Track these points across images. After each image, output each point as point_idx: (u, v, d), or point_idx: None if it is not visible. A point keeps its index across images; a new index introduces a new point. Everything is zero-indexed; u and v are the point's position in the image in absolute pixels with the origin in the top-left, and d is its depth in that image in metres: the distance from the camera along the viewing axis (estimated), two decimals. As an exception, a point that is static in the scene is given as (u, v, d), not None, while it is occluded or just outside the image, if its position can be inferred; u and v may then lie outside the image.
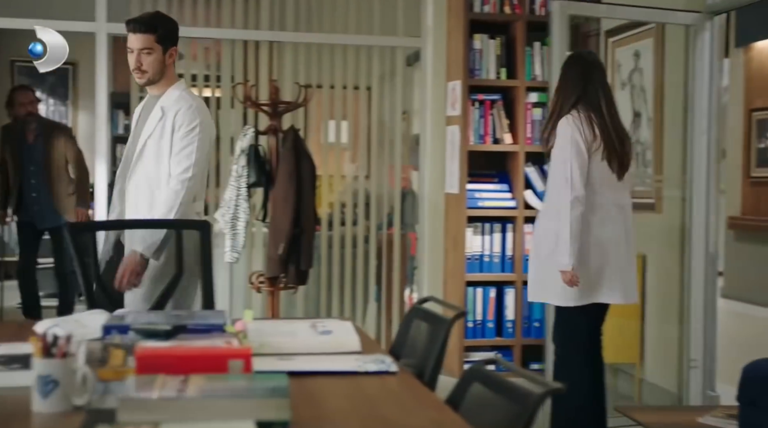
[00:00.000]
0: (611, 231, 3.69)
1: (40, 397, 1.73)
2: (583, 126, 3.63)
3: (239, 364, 1.78)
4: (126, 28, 3.39)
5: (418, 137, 6.05)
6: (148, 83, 3.44)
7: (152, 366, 1.74)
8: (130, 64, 3.39)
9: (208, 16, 5.36)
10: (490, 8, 5.10)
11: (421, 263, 5.56)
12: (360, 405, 1.88)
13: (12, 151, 5.96)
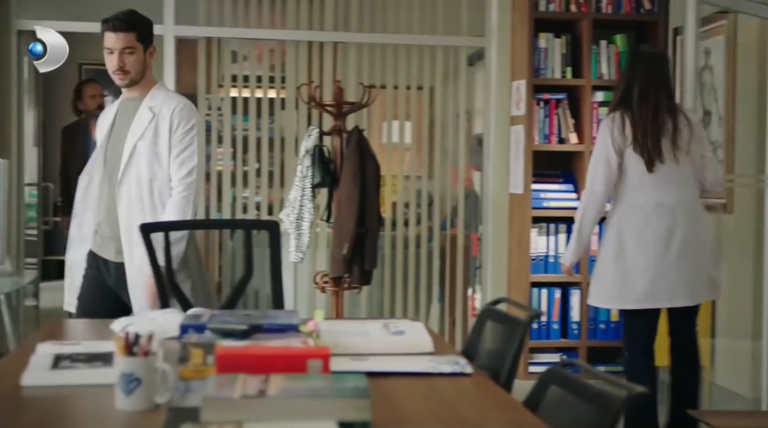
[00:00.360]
0: (652, 232, 3.65)
1: (123, 395, 1.75)
2: (614, 128, 3.68)
3: (318, 364, 1.78)
4: (103, 27, 3.26)
5: (480, 137, 6.01)
6: (130, 85, 3.32)
7: (232, 365, 1.75)
8: (111, 65, 3.26)
9: (273, 17, 5.40)
10: (555, 7, 5.05)
11: (484, 264, 5.53)
12: (437, 406, 1.87)
13: (76, 152, 5.81)
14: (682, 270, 3.65)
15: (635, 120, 3.64)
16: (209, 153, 5.48)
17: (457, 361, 2.17)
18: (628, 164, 3.67)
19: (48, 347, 2.17)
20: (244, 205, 5.59)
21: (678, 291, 3.66)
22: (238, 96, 5.47)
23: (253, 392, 1.59)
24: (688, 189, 3.73)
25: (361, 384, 1.65)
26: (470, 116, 5.94)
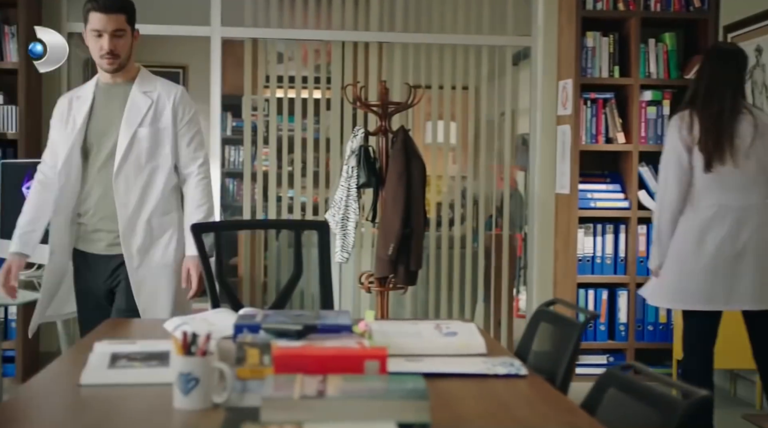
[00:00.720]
0: (714, 235, 3.57)
1: (182, 394, 1.76)
2: (682, 126, 3.60)
3: (375, 365, 1.77)
4: (89, 7, 3.05)
5: (524, 136, 5.98)
6: (118, 69, 3.13)
7: (289, 365, 1.75)
8: (101, 48, 3.06)
9: (318, 18, 5.42)
10: (603, 5, 5.01)
11: (530, 265, 5.50)
12: (494, 408, 1.85)
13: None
14: (746, 273, 3.56)
15: (700, 119, 3.57)
16: (254, 153, 5.51)
17: (512, 363, 2.15)
18: (695, 165, 3.59)
19: (105, 346, 2.19)
20: (290, 205, 5.61)
21: (738, 295, 3.58)
22: (284, 97, 5.50)
23: (312, 392, 1.59)
24: (754, 192, 3.61)
25: (419, 385, 1.64)
26: (514, 115, 5.91)
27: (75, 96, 3.23)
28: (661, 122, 5.03)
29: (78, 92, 3.26)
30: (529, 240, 5.55)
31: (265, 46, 5.45)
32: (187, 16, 5.39)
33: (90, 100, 3.17)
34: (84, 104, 3.17)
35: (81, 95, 3.21)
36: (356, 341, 2.05)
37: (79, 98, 3.21)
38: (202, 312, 2.74)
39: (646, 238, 5.03)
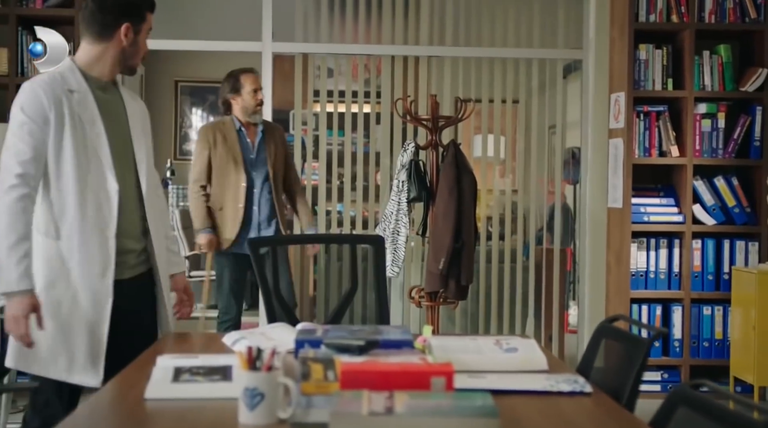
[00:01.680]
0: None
1: (247, 409, 1.76)
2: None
3: (441, 381, 1.76)
4: (152, 8, 2.97)
5: (572, 150, 5.93)
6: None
7: (355, 381, 1.74)
8: (146, 48, 2.95)
9: (368, 33, 5.43)
10: (656, 17, 4.95)
11: (582, 279, 5.44)
12: (561, 426, 1.83)
13: (228, 158, 4.79)
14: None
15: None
16: (304, 168, 5.54)
17: (576, 380, 2.12)
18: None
19: (167, 360, 2.19)
20: (339, 219, 5.62)
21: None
22: (334, 111, 5.51)
23: (380, 409, 1.57)
24: None
25: (488, 402, 1.62)
26: (564, 128, 5.87)
27: (63, 99, 2.75)
28: (716, 135, 4.96)
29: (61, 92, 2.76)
30: (580, 255, 5.50)
31: (315, 61, 5.47)
32: (238, 32, 5.44)
33: (94, 106, 2.81)
34: (88, 110, 2.79)
35: (71, 99, 2.76)
36: (419, 356, 2.04)
37: (76, 102, 2.76)
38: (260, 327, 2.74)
39: (701, 253, 4.96)
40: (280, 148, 4.93)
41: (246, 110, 4.85)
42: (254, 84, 4.85)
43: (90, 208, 2.75)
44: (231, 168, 4.80)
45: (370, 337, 2.17)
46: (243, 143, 4.84)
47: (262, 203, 4.82)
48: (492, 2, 5.45)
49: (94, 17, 2.83)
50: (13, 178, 2.63)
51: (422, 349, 2.31)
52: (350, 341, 2.12)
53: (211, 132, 4.88)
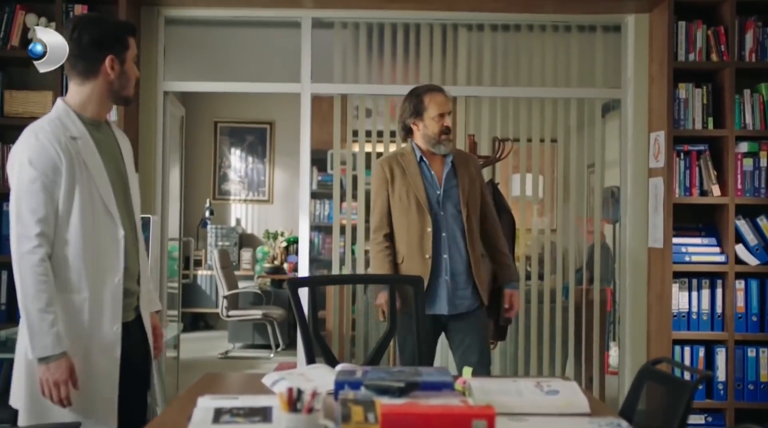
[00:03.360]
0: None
1: (288, 451, 1.75)
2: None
3: (483, 425, 1.74)
4: (133, 32, 2.89)
5: (612, 189, 5.90)
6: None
7: (396, 423, 1.73)
8: (137, 74, 2.90)
9: (406, 73, 5.47)
10: (695, 56, 4.93)
11: (623, 320, 5.38)
12: (605, 471, 1.80)
13: (408, 196, 3.98)
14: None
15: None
16: (342, 207, 5.56)
17: (619, 423, 2.09)
18: None
19: (208, 401, 2.20)
20: (377, 259, 5.61)
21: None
22: (372, 150, 5.54)
23: (421, 452, 1.56)
24: None
25: (530, 446, 1.60)
26: (603, 167, 5.84)
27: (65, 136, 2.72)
28: (758, 174, 4.90)
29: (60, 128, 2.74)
30: (620, 295, 5.44)
31: (353, 101, 5.52)
32: (275, 74, 5.50)
33: (91, 141, 2.78)
34: (89, 149, 2.77)
35: (75, 137, 2.75)
36: (460, 399, 2.02)
37: (82, 141, 2.75)
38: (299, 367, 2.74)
39: (744, 293, 4.88)
40: (476, 181, 4.05)
41: (429, 139, 3.96)
42: (441, 107, 3.95)
43: (98, 256, 2.71)
44: (413, 209, 3.94)
45: (410, 379, 2.16)
46: (426, 177, 3.99)
47: (453, 252, 3.94)
48: (529, 42, 5.47)
49: (76, 58, 2.78)
50: (34, 238, 2.60)
51: (462, 391, 2.30)
52: (390, 382, 2.10)
53: (387, 166, 4.02)
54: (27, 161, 2.65)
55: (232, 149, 10.30)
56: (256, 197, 10.34)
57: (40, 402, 2.66)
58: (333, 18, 5.39)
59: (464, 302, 3.95)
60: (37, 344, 2.57)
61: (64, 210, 2.67)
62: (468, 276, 3.94)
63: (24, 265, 2.59)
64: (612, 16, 5.35)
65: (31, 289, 2.58)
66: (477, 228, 4.02)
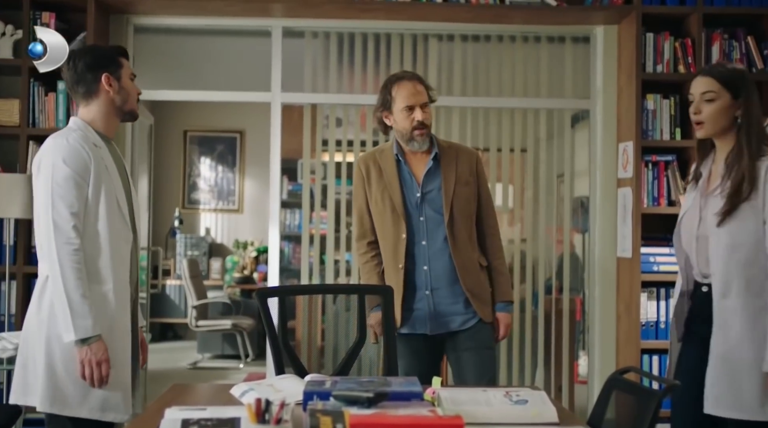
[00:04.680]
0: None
1: (255, 463, 1.74)
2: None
3: (452, 435, 1.74)
4: (125, 54, 3.11)
5: (581, 199, 5.93)
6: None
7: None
8: (137, 90, 3.14)
9: (377, 82, 5.47)
10: (663, 68, 4.99)
11: (591, 329, 5.41)
12: (573, 481, 1.80)
13: (383, 198, 3.59)
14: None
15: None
16: (312, 217, 5.55)
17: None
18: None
19: (175, 412, 2.18)
20: (347, 269, 5.61)
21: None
22: (342, 160, 5.53)
23: (390, 463, 1.56)
24: None
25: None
26: (572, 177, 5.88)
27: (83, 147, 2.94)
28: (724, 185, 4.95)
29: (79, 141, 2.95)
30: (589, 304, 5.47)
31: (324, 111, 5.51)
32: (245, 83, 5.49)
33: (99, 158, 2.97)
34: (107, 161, 3.01)
35: (88, 148, 2.95)
36: (428, 409, 2.02)
37: (97, 153, 2.97)
38: (268, 378, 2.73)
39: (711, 302, 4.92)
40: (468, 180, 3.57)
41: (401, 136, 3.54)
42: (409, 99, 3.47)
43: (117, 253, 2.94)
44: (388, 214, 3.54)
45: (379, 389, 2.15)
46: (404, 178, 3.56)
47: (436, 262, 3.51)
48: (499, 52, 5.49)
49: (76, 84, 3.03)
50: (71, 230, 2.83)
51: (432, 401, 2.29)
52: (359, 393, 2.10)
53: (364, 164, 3.62)
54: (61, 160, 2.87)
55: (202, 157, 10.25)
56: (226, 206, 10.29)
57: (62, 392, 2.85)
58: (303, 27, 5.39)
59: (455, 318, 3.50)
60: (80, 325, 2.78)
61: (92, 207, 2.90)
62: (456, 290, 3.48)
63: (63, 255, 2.80)
64: (581, 28, 5.40)
65: (72, 277, 2.79)
66: (468, 234, 3.53)
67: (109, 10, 5.12)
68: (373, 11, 5.16)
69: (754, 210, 2.92)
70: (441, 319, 3.50)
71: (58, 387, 2.85)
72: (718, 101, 3.02)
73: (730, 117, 3.02)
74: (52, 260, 2.81)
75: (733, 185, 2.97)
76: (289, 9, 5.11)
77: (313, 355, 5.64)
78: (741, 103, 3.00)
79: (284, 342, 3.03)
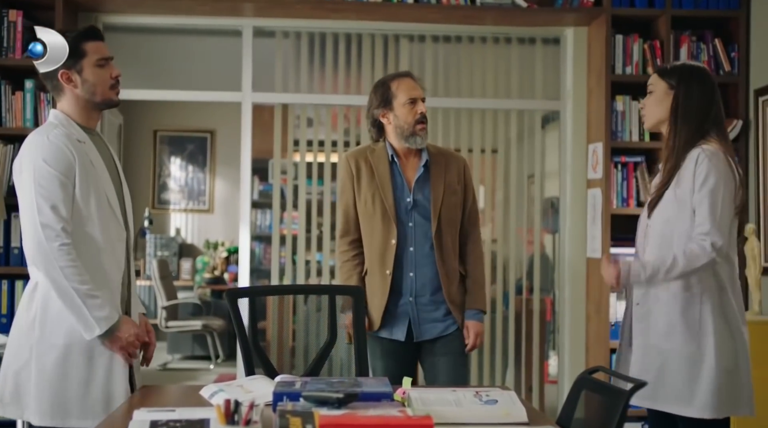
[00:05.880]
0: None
1: (224, 464, 1.73)
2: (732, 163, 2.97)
3: (421, 435, 1.74)
4: (88, 37, 2.89)
5: (551, 199, 5.96)
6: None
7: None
8: (112, 74, 2.91)
9: (348, 83, 5.47)
10: (632, 69, 5.03)
11: (561, 329, 5.44)
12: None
13: (374, 200, 3.55)
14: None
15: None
16: (283, 217, 5.53)
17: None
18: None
19: (144, 413, 2.16)
20: (318, 269, 5.60)
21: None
22: (313, 160, 5.52)
23: (359, 464, 1.55)
24: None
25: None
26: (542, 178, 5.91)
27: (67, 139, 2.80)
28: (692, 186, 5.00)
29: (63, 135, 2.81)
30: (559, 305, 5.50)
31: (295, 111, 5.50)
32: (216, 82, 5.46)
33: (87, 150, 2.85)
34: (92, 153, 2.87)
35: (73, 141, 2.81)
36: (398, 409, 2.02)
37: (84, 146, 2.84)
38: (238, 379, 2.71)
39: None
40: (456, 189, 3.57)
41: (402, 131, 3.51)
42: (411, 92, 3.53)
43: (113, 257, 2.84)
44: (378, 217, 3.51)
45: (349, 389, 2.15)
46: (396, 181, 3.55)
47: (422, 269, 3.50)
48: (470, 53, 5.51)
49: (44, 79, 2.90)
50: (60, 232, 2.68)
51: (402, 401, 2.29)
52: (329, 393, 2.09)
53: (354, 161, 3.58)
54: (42, 160, 2.71)
55: (172, 157, 10.19)
56: (196, 206, 10.24)
57: (60, 400, 2.72)
58: (274, 27, 5.37)
59: (435, 326, 3.51)
60: (101, 317, 2.69)
61: (82, 209, 2.75)
62: (437, 297, 3.50)
63: (59, 256, 2.66)
64: (551, 29, 5.43)
65: (74, 275, 2.66)
66: (452, 242, 3.54)
67: (78, 8, 5.07)
68: (344, 11, 5.15)
69: (681, 199, 2.95)
70: (422, 326, 3.52)
71: (54, 395, 2.71)
72: (655, 92, 3.12)
73: (666, 107, 3.06)
74: (49, 266, 2.67)
75: (664, 175, 3.02)
76: (259, 8, 5.09)
77: (284, 356, 5.62)
78: (675, 91, 3.04)
79: (254, 343, 3.02)
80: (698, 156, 2.93)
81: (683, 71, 3.09)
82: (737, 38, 5.07)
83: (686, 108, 3.03)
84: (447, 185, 3.53)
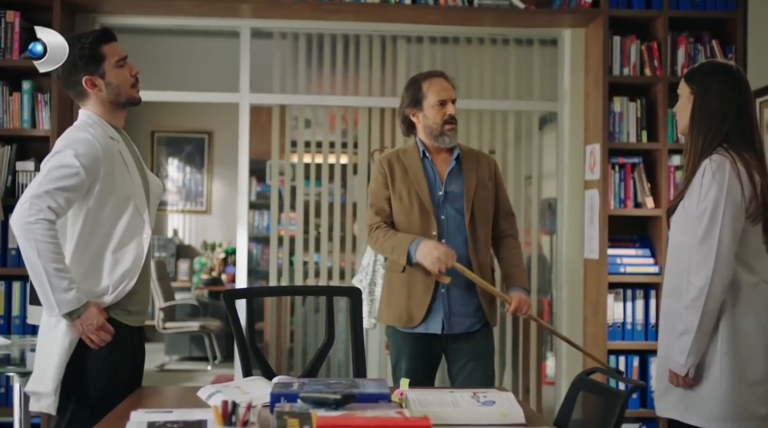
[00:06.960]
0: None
1: (222, 466, 1.73)
2: (741, 174, 2.83)
3: (419, 436, 1.74)
4: (105, 39, 2.96)
5: (548, 201, 5.97)
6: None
7: (332, 436, 1.72)
8: (132, 72, 3.02)
9: (345, 84, 5.47)
10: (629, 71, 5.03)
11: (558, 330, 5.43)
12: (539, 481, 1.81)
13: (410, 196, 3.60)
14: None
15: (762, 174, 2.96)
16: (281, 218, 5.53)
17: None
18: (747, 230, 2.93)
19: (141, 415, 2.16)
20: (316, 270, 5.60)
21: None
22: (311, 162, 5.53)
23: (357, 465, 1.55)
24: None
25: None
26: (540, 179, 5.91)
27: (97, 139, 2.87)
28: (690, 187, 5.00)
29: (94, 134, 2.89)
30: (557, 305, 5.50)
31: (293, 112, 5.50)
32: (214, 83, 5.47)
33: (116, 147, 2.93)
34: (116, 153, 2.91)
35: (103, 140, 2.88)
36: (396, 410, 2.02)
37: (112, 145, 2.91)
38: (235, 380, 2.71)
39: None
40: (487, 185, 3.63)
41: (431, 131, 3.58)
42: (441, 94, 3.59)
43: (126, 254, 2.85)
44: (415, 211, 3.55)
45: (347, 390, 2.15)
46: (429, 176, 3.60)
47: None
48: (468, 54, 5.51)
49: (65, 87, 2.96)
50: (47, 209, 2.67)
51: (399, 403, 2.29)
52: (327, 394, 2.09)
53: (387, 163, 3.62)
54: (73, 152, 2.76)
55: (170, 158, 10.19)
56: (194, 207, 10.23)
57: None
58: (272, 28, 5.37)
59: (464, 320, 3.53)
60: (63, 299, 2.68)
61: (99, 208, 2.80)
62: (470, 292, 3.52)
63: (36, 228, 2.65)
64: (549, 30, 5.43)
65: (48, 251, 2.65)
66: (485, 237, 3.57)
67: (76, 9, 5.07)
68: (342, 12, 5.15)
69: (689, 212, 2.88)
70: (453, 320, 3.54)
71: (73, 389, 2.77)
72: (680, 98, 3.05)
73: (688, 113, 2.97)
74: (23, 237, 2.66)
75: (681, 184, 2.99)
76: (257, 10, 5.09)
77: (281, 357, 5.62)
78: (694, 97, 2.95)
79: (252, 344, 3.02)
80: (705, 168, 2.85)
81: (702, 73, 2.98)
82: (734, 39, 5.07)
83: (701, 115, 2.91)
84: (479, 180, 3.59)
